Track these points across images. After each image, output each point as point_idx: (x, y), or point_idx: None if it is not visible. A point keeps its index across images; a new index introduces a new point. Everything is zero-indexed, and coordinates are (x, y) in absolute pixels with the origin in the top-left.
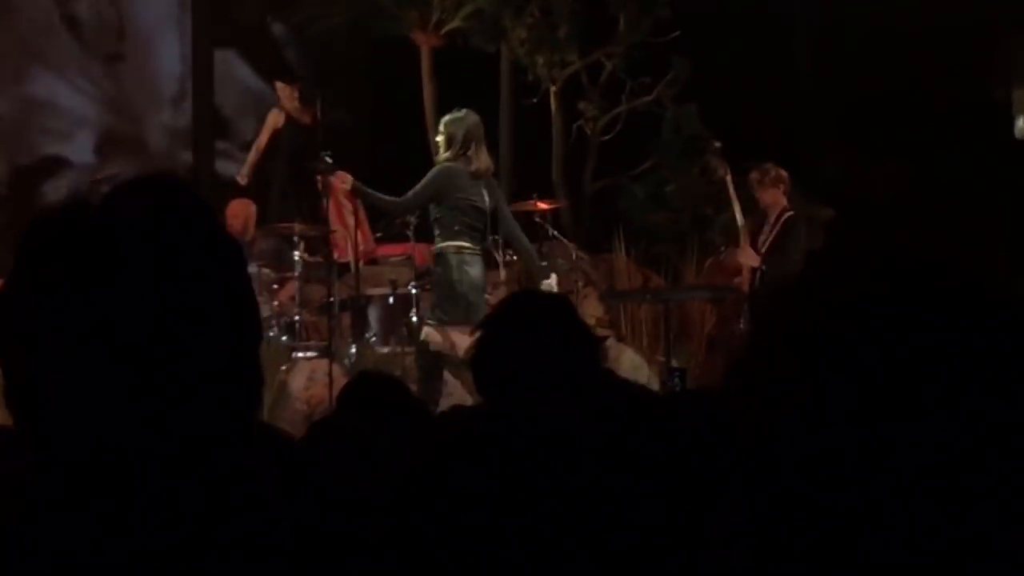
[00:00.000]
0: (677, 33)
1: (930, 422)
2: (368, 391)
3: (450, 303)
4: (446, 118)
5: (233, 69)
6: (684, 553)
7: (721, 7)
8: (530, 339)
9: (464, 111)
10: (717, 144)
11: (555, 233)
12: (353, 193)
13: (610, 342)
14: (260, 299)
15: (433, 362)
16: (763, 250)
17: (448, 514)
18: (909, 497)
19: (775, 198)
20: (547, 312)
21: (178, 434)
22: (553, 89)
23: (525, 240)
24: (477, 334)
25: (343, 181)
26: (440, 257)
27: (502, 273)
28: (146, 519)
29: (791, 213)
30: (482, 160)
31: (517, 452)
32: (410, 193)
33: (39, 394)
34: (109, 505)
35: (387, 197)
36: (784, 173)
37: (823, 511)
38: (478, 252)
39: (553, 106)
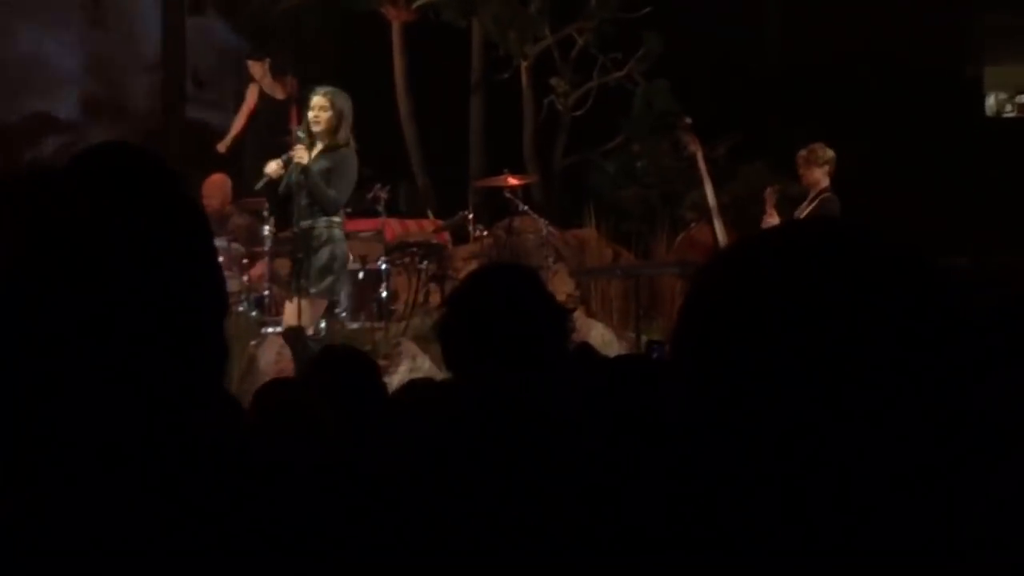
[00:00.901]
0: (648, 9)
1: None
2: (333, 365)
3: (322, 277)
4: (329, 91)
5: (212, 34)
6: (671, 525)
7: None
8: (497, 312)
9: (337, 88)
10: (688, 120)
11: (525, 208)
12: (303, 174)
13: (580, 317)
14: (230, 274)
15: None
16: None
17: (434, 497)
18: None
19: (818, 177)
20: (514, 284)
21: (153, 411)
22: (524, 65)
23: None
24: (444, 308)
25: (299, 157)
26: (324, 233)
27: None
28: (155, 511)
29: (827, 193)
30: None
31: (495, 432)
32: (338, 190)
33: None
34: (116, 499)
35: (328, 192)
36: (831, 153)
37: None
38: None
39: (524, 82)
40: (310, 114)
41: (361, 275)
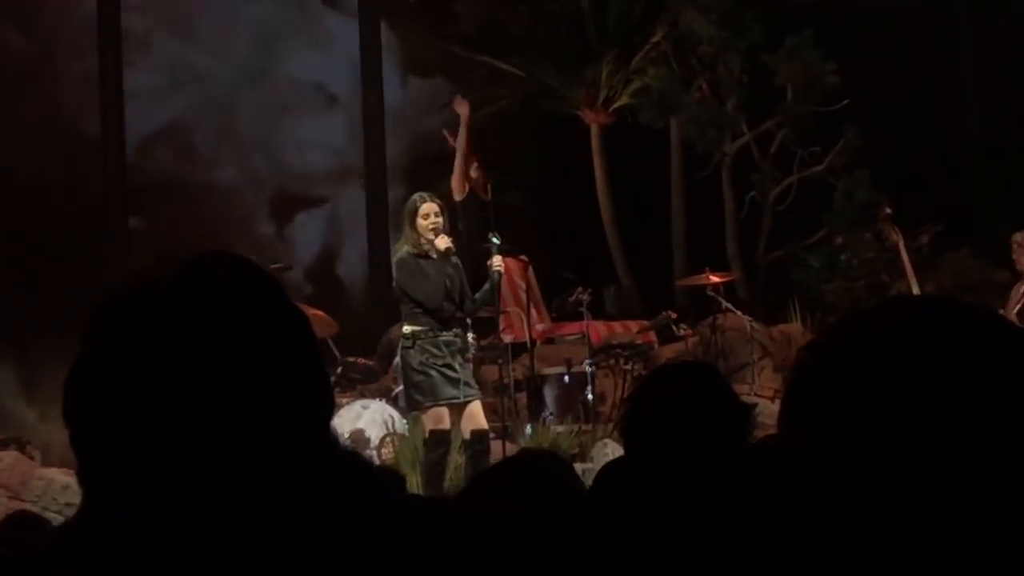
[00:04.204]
0: (846, 101)
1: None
2: (526, 467)
3: None
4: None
5: None
6: None
7: (890, 73)
8: (677, 408)
9: None
10: (888, 210)
11: (728, 306)
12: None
13: None
14: None
15: None
16: (1014, 313)
17: None
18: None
19: None
20: (694, 381)
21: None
22: (723, 162)
23: None
24: (625, 406)
25: (498, 265)
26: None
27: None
28: None
29: None
30: None
31: (674, 525)
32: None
33: (110, 467)
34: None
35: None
36: None
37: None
38: None
39: (724, 179)
40: (439, 220)
41: (567, 378)
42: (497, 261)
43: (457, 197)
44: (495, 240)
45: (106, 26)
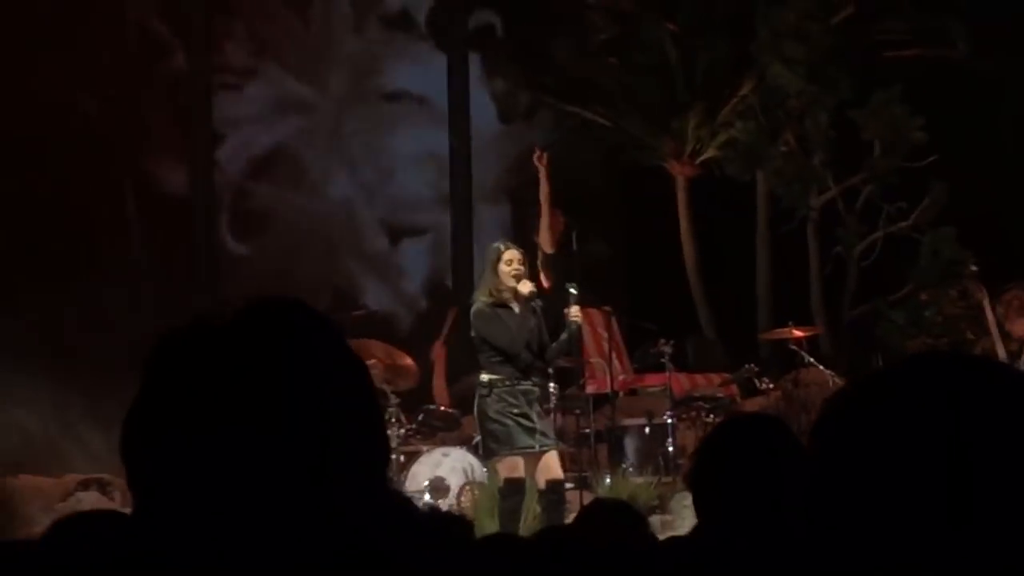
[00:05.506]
0: (933, 157)
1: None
2: (601, 517)
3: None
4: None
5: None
6: None
7: (977, 129)
8: (744, 461)
9: None
10: (974, 267)
11: (811, 360)
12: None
13: None
14: None
15: None
16: None
17: None
18: None
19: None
20: (762, 433)
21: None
22: (809, 216)
23: None
24: (695, 456)
25: (575, 316)
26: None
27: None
28: None
29: None
30: None
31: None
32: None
33: (166, 508)
34: None
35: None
36: None
37: None
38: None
39: (809, 232)
40: (521, 268)
41: (648, 429)
42: (574, 312)
43: (548, 249)
44: (572, 291)
45: (196, 82)
